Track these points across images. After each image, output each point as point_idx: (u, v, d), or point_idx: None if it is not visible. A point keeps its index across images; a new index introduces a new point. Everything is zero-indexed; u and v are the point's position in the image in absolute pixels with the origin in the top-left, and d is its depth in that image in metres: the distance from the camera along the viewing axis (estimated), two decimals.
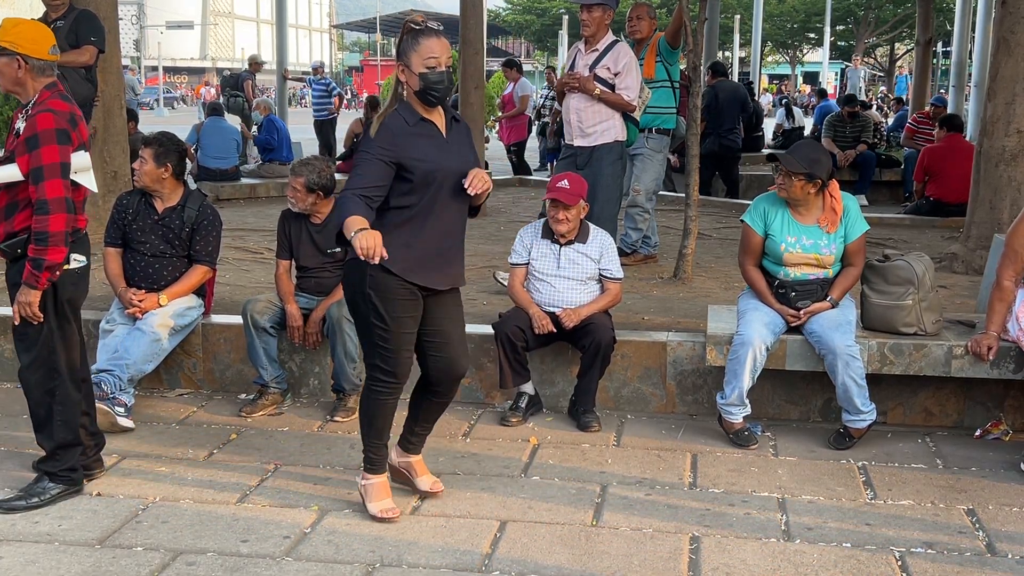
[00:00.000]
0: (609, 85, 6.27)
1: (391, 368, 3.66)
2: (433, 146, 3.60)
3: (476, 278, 6.71)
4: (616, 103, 6.27)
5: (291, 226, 5.10)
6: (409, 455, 3.99)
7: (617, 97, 6.26)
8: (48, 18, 7.11)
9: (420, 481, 3.97)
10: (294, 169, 5.01)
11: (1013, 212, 6.61)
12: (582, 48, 6.44)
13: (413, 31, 3.56)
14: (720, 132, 11.29)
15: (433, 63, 3.52)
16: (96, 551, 3.48)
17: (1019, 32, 6.66)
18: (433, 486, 3.97)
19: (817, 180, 4.49)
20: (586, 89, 6.24)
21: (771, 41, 50.69)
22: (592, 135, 6.30)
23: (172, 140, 5.05)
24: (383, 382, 3.69)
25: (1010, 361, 4.50)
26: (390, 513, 3.74)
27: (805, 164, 4.46)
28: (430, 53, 3.52)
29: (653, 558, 3.45)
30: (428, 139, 3.60)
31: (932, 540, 3.61)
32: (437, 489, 3.96)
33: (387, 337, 3.62)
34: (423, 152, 3.56)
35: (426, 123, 3.62)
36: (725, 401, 4.57)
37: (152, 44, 66.94)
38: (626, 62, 6.30)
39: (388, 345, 3.63)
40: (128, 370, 4.71)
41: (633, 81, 6.32)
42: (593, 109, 6.27)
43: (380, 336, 3.63)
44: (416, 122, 3.59)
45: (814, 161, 4.48)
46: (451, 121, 3.71)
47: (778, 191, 4.59)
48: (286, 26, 16.61)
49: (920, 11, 16.62)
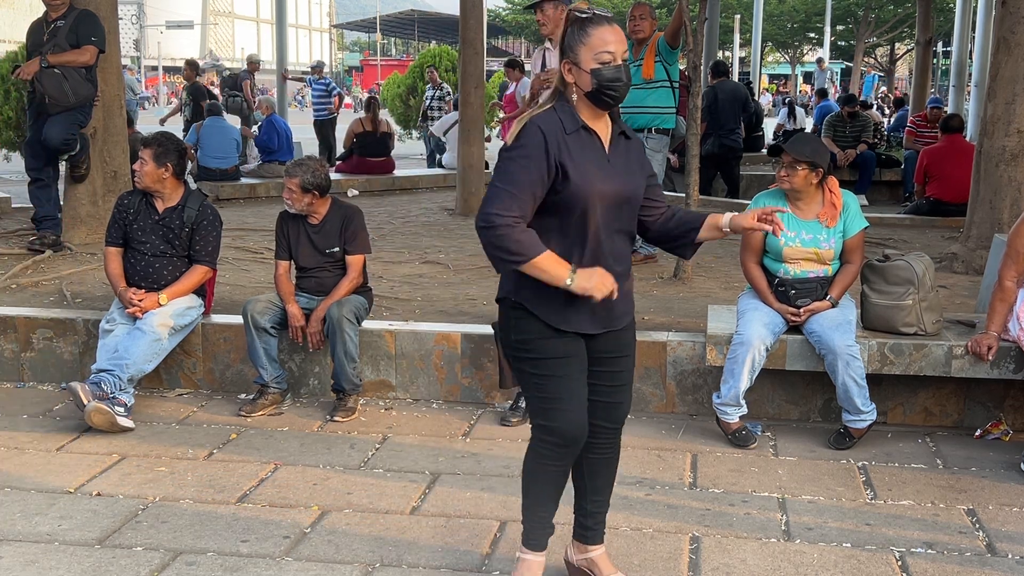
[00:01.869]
0: None
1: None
2: (592, 161, 2.91)
3: (476, 278, 6.71)
4: None
5: (289, 227, 5.10)
6: (588, 547, 3.28)
7: None
8: (48, 18, 7.12)
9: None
10: (289, 170, 5.01)
11: (1013, 212, 6.62)
12: (550, 46, 6.60)
13: (579, 20, 2.89)
14: (721, 133, 11.30)
15: (607, 57, 2.86)
16: (96, 551, 3.48)
17: (1019, 32, 6.67)
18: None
19: (819, 169, 4.52)
20: None
21: (771, 41, 50.68)
22: None
23: (172, 140, 5.05)
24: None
25: (1010, 361, 4.50)
26: None
27: (808, 152, 4.49)
28: (603, 46, 2.86)
29: (653, 558, 3.45)
30: (586, 151, 2.91)
31: (932, 540, 3.61)
32: None
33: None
34: (577, 167, 2.88)
35: (587, 132, 2.93)
36: (721, 401, 4.57)
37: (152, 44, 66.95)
38: None
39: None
40: (128, 370, 4.71)
41: None
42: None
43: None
44: (575, 129, 2.90)
45: (815, 151, 4.52)
46: (618, 135, 3.01)
47: (781, 183, 4.59)
48: (286, 26, 16.66)
49: (920, 11, 16.63)
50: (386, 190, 12.13)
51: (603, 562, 3.24)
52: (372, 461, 4.35)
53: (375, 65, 58.15)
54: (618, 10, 42.15)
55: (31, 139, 7.29)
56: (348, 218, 5.06)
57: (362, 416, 4.93)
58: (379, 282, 6.41)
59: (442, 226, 9.16)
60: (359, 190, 11.63)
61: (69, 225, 7.56)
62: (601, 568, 3.23)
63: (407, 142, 20.15)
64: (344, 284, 5.00)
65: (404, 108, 20.27)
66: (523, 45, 57.38)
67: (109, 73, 7.55)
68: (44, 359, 5.43)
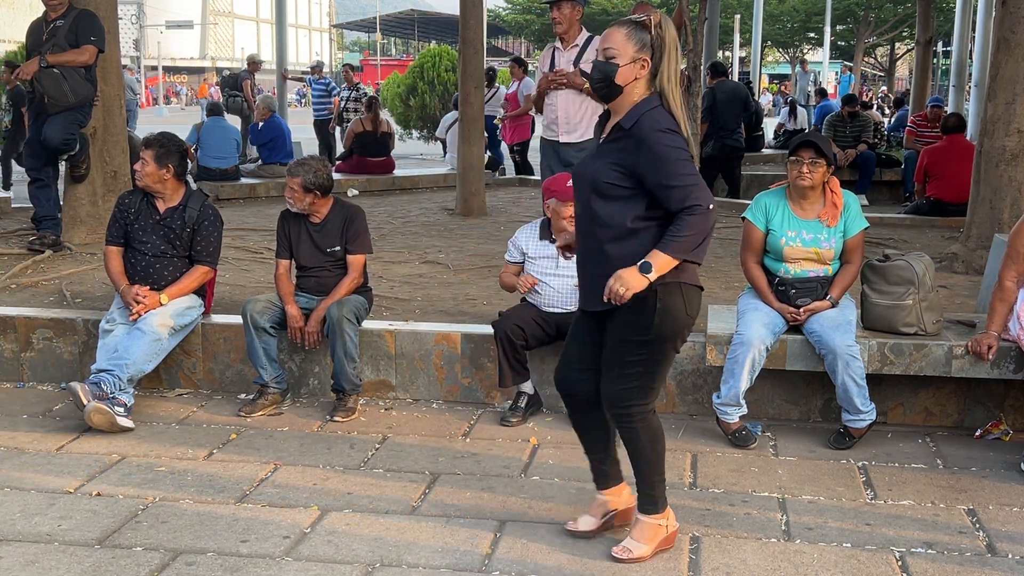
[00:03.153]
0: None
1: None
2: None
3: (476, 278, 6.71)
4: None
5: (290, 225, 5.10)
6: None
7: None
8: (48, 18, 7.12)
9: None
10: (291, 170, 5.01)
11: (1013, 212, 6.61)
12: (559, 46, 6.68)
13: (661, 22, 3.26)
14: (723, 133, 11.28)
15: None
16: (96, 551, 3.48)
17: (1019, 32, 6.66)
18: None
19: (831, 165, 4.56)
20: (575, 84, 6.49)
21: (771, 41, 50.66)
22: (579, 130, 6.55)
23: (172, 140, 5.05)
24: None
25: (1010, 361, 4.50)
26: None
27: (825, 147, 4.52)
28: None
29: (653, 558, 3.44)
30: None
31: (932, 540, 3.61)
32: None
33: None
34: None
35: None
36: (721, 401, 4.57)
37: (152, 44, 66.93)
38: None
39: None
40: (128, 370, 4.71)
41: None
42: (581, 104, 6.52)
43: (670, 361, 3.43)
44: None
45: (829, 147, 4.58)
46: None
47: (802, 180, 4.52)
48: (286, 26, 16.63)
49: (920, 11, 16.63)
50: (386, 190, 12.13)
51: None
52: (372, 461, 4.35)
53: (375, 65, 58.11)
54: (619, 10, 42.14)
55: (31, 139, 7.29)
56: (350, 218, 5.06)
57: (362, 416, 4.93)
58: (379, 282, 6.41)
59: (442, 226, 9.15)
60: (359, 190, 11.63)
61: (69, 225, 7.56)
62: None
63: (407, 142, 20.17)
64: (345, 284, 5.00)
65: (404, 108, 20.26)
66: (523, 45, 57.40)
67: (109, 73, 7.55)
68: (44, 359, 5.43)
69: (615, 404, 3.37)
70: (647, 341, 3.27)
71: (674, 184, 3.15)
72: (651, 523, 3.45)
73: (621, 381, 3.33)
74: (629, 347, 3.30)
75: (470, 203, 9.75)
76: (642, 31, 3.24)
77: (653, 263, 3.15)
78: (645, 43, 3.23)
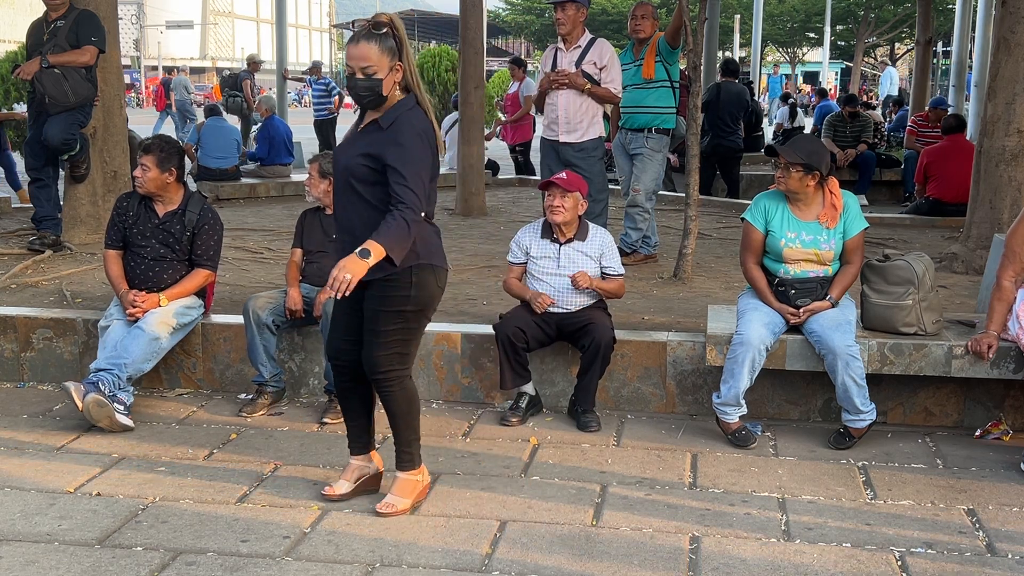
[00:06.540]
0: (594, 80, 6.67)
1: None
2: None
3: (476, 278, 6.71)
4: (604, 96, 6.72)
5: (307, 218, 5.23)
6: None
7: (604, 90, 6.71)
8: (48, 18, 7.12)
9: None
10: (312, 158, 5.17)
11: (1013, 212, 6.61)
12: (562, 47, 6.79)
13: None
14: (720, 133, 11.28)
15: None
16: (96, 551, 3.48)
17: (1019, 32, 6.66)
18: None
19: (815, 172, 4.51)
20: (576, 84, 6.63)
21: (771, 41, 50.69)
22: (579, 130, 6.68)
23: (172, 144, 5.06)
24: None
25: (1010, 361, 4.50)
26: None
27: (803, 155, 4.48)
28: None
29: (653, 558, 3.45)
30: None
31: (932, 540, 3.61)
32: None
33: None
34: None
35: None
36: (720, 401, 4.57)
37: (152, 44, 66.97)
38: (609, 56, 6.74)
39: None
40: (127, 369, 4.71)
41: (617, 74, 6.78)
42: (582, 104, 6.64)
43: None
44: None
45: (812, 153, 4.50)
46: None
47: (777, 184, 4.61)
48: (286, 26, 16.60)
49: (920, 11, 16.63)
50: None
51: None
52: None
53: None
54: (619, 10, 42.11)
55: (31, 139, 7.29)
56: None
57: None
58: None
59: (442, 226, 9.10)
60: None
61: (69, 225, 7.56)
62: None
63: None
64: None
65: None
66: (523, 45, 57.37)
67: (109, 73, 7.55)
68: (44, 359, 5.43)
69: (376, 369, 3.69)
70: (405, 312, 3.65)
71: (403, 184, 3.50)
72: (409, 479, 3.84)
73: (381, 348, 3.67)
74: (388, 317, 3.65)
75: (470, 203, 9.75)
76: (388, 40, 3.55)
77: (371, 250, 3.44)
78: (393, 50, 3.56)
